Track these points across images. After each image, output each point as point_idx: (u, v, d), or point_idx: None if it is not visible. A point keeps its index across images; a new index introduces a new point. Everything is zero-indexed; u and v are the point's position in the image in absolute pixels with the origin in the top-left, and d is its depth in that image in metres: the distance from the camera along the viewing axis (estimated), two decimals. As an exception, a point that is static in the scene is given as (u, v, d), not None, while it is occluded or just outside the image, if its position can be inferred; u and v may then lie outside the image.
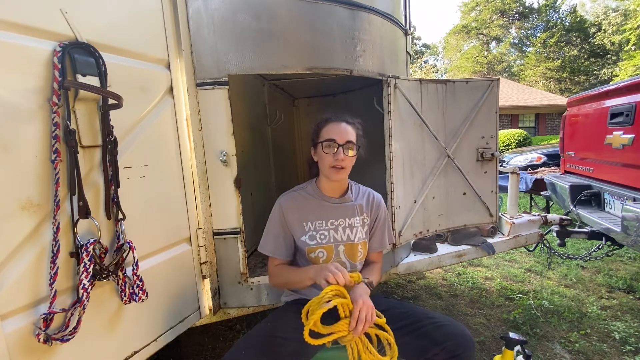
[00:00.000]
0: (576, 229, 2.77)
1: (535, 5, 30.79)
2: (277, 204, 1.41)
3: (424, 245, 2.30)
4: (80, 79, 1.02)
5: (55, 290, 0.97)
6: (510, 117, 17.59)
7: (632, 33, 17.63)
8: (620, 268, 3.29)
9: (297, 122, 3.58)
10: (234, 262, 1.62)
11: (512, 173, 2.67)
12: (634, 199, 2.26)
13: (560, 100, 17.14)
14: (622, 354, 2.06)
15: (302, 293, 1.43)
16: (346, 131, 1.32)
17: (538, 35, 29.54)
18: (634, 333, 2.23)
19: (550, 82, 27.86)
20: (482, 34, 32.24)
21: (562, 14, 28.81)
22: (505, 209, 2.84)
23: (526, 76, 28.95)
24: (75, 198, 1.02)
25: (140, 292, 1.18)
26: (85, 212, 1.04)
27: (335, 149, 1.29)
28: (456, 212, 2.30)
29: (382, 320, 1.21)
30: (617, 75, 19.60)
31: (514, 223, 2.51)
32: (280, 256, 1.40)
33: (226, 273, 1.64)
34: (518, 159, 7.47)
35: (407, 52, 2.33)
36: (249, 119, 2.39)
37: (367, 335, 1.18)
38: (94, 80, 1.05)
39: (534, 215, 2.66)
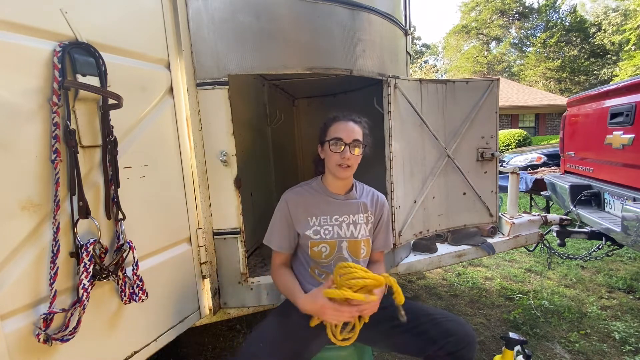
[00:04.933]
0: (576, 229, 2.77)
1: (535, 5, 30.81)
2: (283, 199, 1.43)
3: (424, 245, 2.30)
4: (80, 79, 1.02)
5: (55, 290, 0.97)
6: (510, 117, 17.58)
7: (632, 33, 17.63)
8: (620, 268, 3.29)
9: (297, 122, 3.57)
10: (234, 262, 1.62)
11: (512, 173, 2.67)
12: (634, 199, 2.26)
13: (560, 100, 17.13)
14: (622, 354, 2.06)
15: (304, 287, 1.42)
16: (353, 130, 1.34)
17: (538, 35, 29.54)
18: (634, 333, 2.23)
19: (550, 82, 27.86)
20: (482, 34, 32.24)
21: (562, 14, 28.82)
22: (505, 209, 2.84)
23: (526, 76, 28.95)
24: (75, 198, 1.02)
25: (140, 292, 1.18)
26: (85, 212, 1.04)
27: (342, 148, 1.31)
28: (456, 212, 2.30)
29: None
30: (617, 75, 19.60)
31: (514, 223, 2.51)
32: (282, 249, 1.41)
33: (226, 273, 1.64)
34: (518, 159, 7.46)
35: (407, 52, 2.33)
36: (249, 119, 2.39)
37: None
38: (94, 80, 1.05)
39: (534, 215, 2.66)
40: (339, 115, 1.39)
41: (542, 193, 3.80)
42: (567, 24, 27.64)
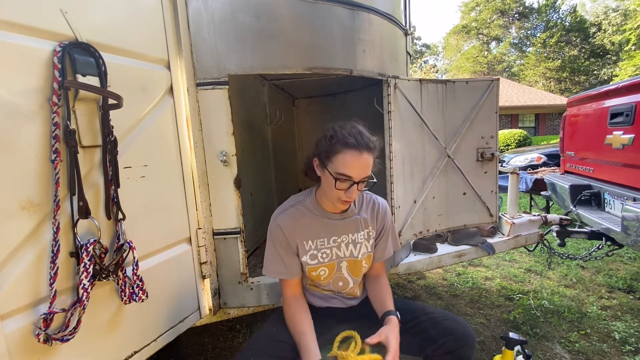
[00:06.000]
0: (576, 229, 2.76)
1: (535, 5, 30.83)
2: (276, 224, 1.27)
3: (424, 245, 2.30)
4: (80, 79, 1.02)
5: (55, 290, 0.97)
6: (510, 117, 17.59)
7: (632, 33, 17.65)
8: (620, 268, 3.29)
9: (297, 122, 3.58)
10: (234, 262, 1.62)
11: (512, 173, 2.67)
12: (634, 199, 2.26)
13: (560, 100, 17.14)
14: (622, 354, 2.06)
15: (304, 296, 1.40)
16: (366, 164, 1.12)
17: (538, 35, 29.56)
18: (634, 333, 2.23)
19: (550, 82, 27.87)
20: (482, 34, 32.24)
21: (562, 14, 28.85)
22: (505, 209, 2.84)
23: (526, 76, 28.96)
24: (75, 198, 1.02)
25: (140, 292, 1.18)
26: (85, 212, 1.04)
27: (349, 186, 1.13)
28: (456, 212, 2.30)
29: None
30: (617, 75, 19.62)
31: (514, 223, 2.51)
32: (293, 275, 1.29)
33: (226, 273, 1.64)
34: (518, 159, 7.47)
35: (407, 52, 2.33)
36: (249, 119, 2.40)
37: None
38: (94, 80, 1.05)
39: (534, 215, 2.66)
40: (351, 140, 1.10)
41: (542, 193, 3.80)
42: (567, 24, 27.67)
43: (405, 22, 2.33)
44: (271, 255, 1.29)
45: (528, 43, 31.07)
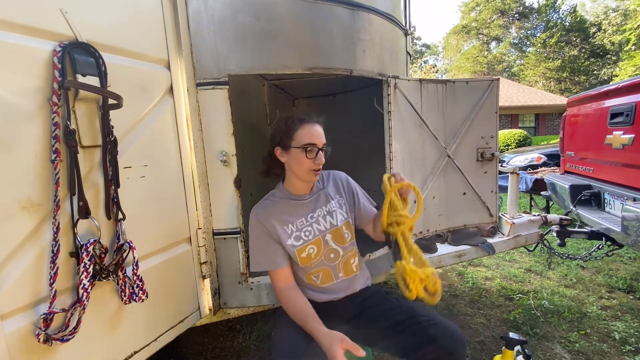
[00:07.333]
0: (576, 229, 2.77)
1: (535, 5, 30.84)
2: (253, 217, 1.38)
3: (424, 245, 2.30)
4: (80, 79, 1.02)
5: (55, 290, 0.97)
6: (510, 117, 17.60)
7: (632, 33, 17.66)
8: (620, 268, 3.29)
9: (297, 122, 3.57)
10: (234, 262, 1.62)
11: (512, 173, 2.67)
12: (634, 199, 2.26)
13: (560, 100, 17.15)
14: (622, 354, 2.06)
15: (306, 294, 1.41)
16: (321, 133, 1.32)
17: (538, 35, 29.58)
18: (634, 333, 2.23)
19: (550, 82, 27.88)
20: (482, 34, 32.25)
21: (562, 14, 28.87)
22: (505, 209, 2.84)
23: (526, 76, 28.97)
24: (75, 198, 1.02)
25: (140, 292, 1.17)
26: (85, 212, 1.03)
27: (316, 154, 1.30)
28: (456, 212, 2.30)
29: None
30: (617, 75, 19.63)
31: (514, 223, 2.51)
32: (280, 265, 1.34)
33: (226, 273, 1.64)
34: (518, 159, 7.47)
35: (407, 52, 2.33)
36: (249, 119, 2.39)
37: None
38: (94, 80, 1.05)
39: (534, 215, 2.66)
40: (304, 117, 1.33)
41: (542, 193, 3.80)
42: (567, 24, 27.68)
43: (405, 22, 2.33)
44: (254, 249, 1.38)
45: (528, 43, 31.09)
